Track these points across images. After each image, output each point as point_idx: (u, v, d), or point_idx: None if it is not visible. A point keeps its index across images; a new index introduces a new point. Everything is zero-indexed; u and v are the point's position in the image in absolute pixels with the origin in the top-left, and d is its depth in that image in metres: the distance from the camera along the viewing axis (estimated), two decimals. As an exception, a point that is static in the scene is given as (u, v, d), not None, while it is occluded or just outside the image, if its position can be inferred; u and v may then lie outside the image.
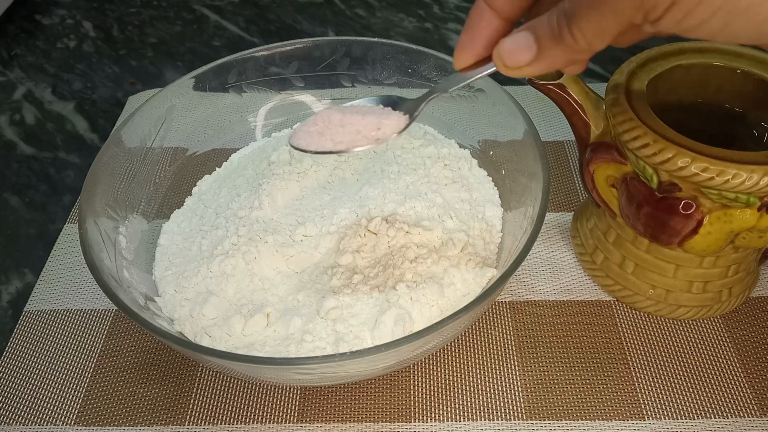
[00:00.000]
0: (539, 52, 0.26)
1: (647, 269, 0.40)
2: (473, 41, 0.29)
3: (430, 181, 0.45)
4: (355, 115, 0.33)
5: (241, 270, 0.39)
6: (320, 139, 0.33)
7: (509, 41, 0.27)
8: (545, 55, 0.26)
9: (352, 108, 0.34)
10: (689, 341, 0.41)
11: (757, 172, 0.32)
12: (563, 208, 0.49)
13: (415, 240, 0.40)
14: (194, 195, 0.47)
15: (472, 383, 0.39)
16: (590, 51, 0.25)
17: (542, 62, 0.26)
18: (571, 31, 0.24)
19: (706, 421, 0.37)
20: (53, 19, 0.76)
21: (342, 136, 0.33)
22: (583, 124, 0.39)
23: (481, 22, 0.29)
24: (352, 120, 0.33)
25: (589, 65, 0.65)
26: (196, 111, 0.48)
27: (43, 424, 0.38)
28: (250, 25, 0.74)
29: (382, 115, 0.33)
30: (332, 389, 0.39)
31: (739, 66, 0.39)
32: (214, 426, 0.38)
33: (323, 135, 0.33)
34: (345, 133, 0.33)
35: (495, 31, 0.29)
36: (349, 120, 0.33)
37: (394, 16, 0.75)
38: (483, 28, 0.29)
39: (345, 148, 0.33)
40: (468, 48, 0.29)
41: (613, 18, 0.23)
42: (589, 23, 0.23)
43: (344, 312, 0.37)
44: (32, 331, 0.43)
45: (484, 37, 0.29)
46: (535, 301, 0.43)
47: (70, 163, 0.57)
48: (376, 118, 0.33)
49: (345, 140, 0.33)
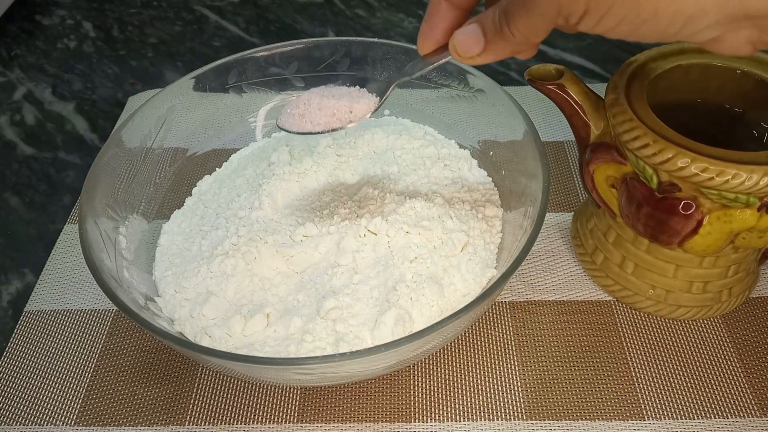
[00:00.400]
0: (486, 44, 0.29)
1: (647, 269, 0.40)
2: (433, 30, 0.32)
3: (430, 181, 0.45)
4: (331, 98, 0.38)
5: (241, 270, 0.39)
6: (301, 121, 0.38)
7: (461, 34, 0.30)
8: (492, 47, 0.29)
9: (330, 91, 0.38)
10: (689, 341, 0.41)
11: (757, 172, 0.32)
12: (563, 208, 0.49)
13: (415, 240, 0.40)
14: (194, 195, 0.47)
15: (472, 383, 0.39)
16: (529, 43, 0.28)
17: (490, 53, 0.29)
18: (509, 27, 0.27)
19: (706, 421, 0.37)
20: (53, 19, 0.76)
21: (320, 118, 0.37)
22: (583, 124, 0.39)
23: (439, 12, 0.31)
24: (329, 104, 0.37)
25: (589, 65, 0.66)
26: (196, 111, 0.48)
27: (43, 424, 0.38)
28: (250, 25, 0.74)
29: (354, 98, 0.37)
30: (332, 389, 0.39)
31: (739, 66, 0.39)
32: (214, 426, 0.38)
33: (304, 117, 0.38)
34: (322, 115, 0.37)
35: (452, 21, 0.31)
36: (326, 104, 0.37)
37: (394, 16, 0.75)
38: (441, 19, 0.32)
39: (322, 129, 0.37)
40: (428, 36, 0.32)
41: (540, 20, 0.26)
42: (522, 22, 0.27)
43: (344, 312, 0.37)
44: (32, 331, 0.43)
45: (442, 27, 0.32)
46: (535, 301, 0.43)
47: (70, 163, 0.57)
48: (348, 102, 0.37)
49: (322, 122, 0.37)
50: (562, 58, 0.67)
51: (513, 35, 0.27)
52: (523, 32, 0.27)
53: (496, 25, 0.28)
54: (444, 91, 0.48)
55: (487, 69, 0.43)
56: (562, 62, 0.58)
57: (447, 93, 0.48)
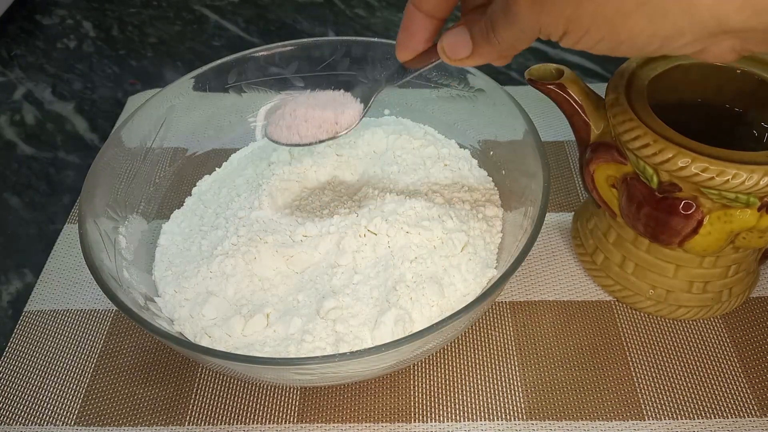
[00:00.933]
0: (474, 48, 0.30)
1: (647, 269, 0.40)
2: (410, 39, 0.33)
3: (430, 181, 0.45)
4: (316, 109, 0.39)
5: (241, 270, 0.39)
6: (289, 133, 0.39)
7: (450, 36, 0.31)
8: (479, 51, 0.30)
9: (316, 99, 0.39)
10: (689, 341, 0.41)
11: (757, 172, 0.32)
12: (563, 208, 0.49)
13: (415, 240, 0.40)
14: (194, 195, 0.47)
15: (472, 383, 0.39)
16: (516, 50, 0.29)
17: (477, 57, 0.30)
18: (496, 36, 0.28)
19: (706, 421, 0.37)
20: (53, 19, 0.76)
21: (306, 130, 0.38)
22: (583, 124, 0.39)
23: (413, 23, 0.33)
24: (314, 115, 0.38)
25: (589, 65, 0.66)
26: (196, 111, 0.48)
27: (43, 424, 0.38)
28: (250, 25, 0.74)
29: (338, 108, 0.38)
30: (332, 389, 0.39)
31: (739, 66, 0.39)
32: (214, 426, 0.38)
33: (291, 129, 0.39)
34: (309, 127, 0.38)
35: (427, 30, 0.33)
36: (311, 115, 0.38)
37: (394, 16, 0.75)
38: (416, 28, 0.33)
39: (309, 141, 0.38)
40: (406, 45, 0.34)
41: (522, 34, 0.27)
42: (506, 33, 0.28)
43: (344, 312, 0.37)
44: (32, 331, 0.43)
45: (418, 37, 0.33)
46: (535, 301, 0.43)
47: (70, 163, 0.57)
48: (333, 114, 0.38)
49: (309, 134, 0.38)
50: (563, 58, 0.67)
51: (499, 42, 0.28)
52: (508, 41, 0.28)
53: (483, 32, 0.29)
54: (444, 91, 0.48)
55: (487, 69, 0.43)
56: (563, 62, 0.58)
57: (447, 93, 0.48)
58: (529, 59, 0.66)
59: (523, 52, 0.67)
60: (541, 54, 0.67)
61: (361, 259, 0.39)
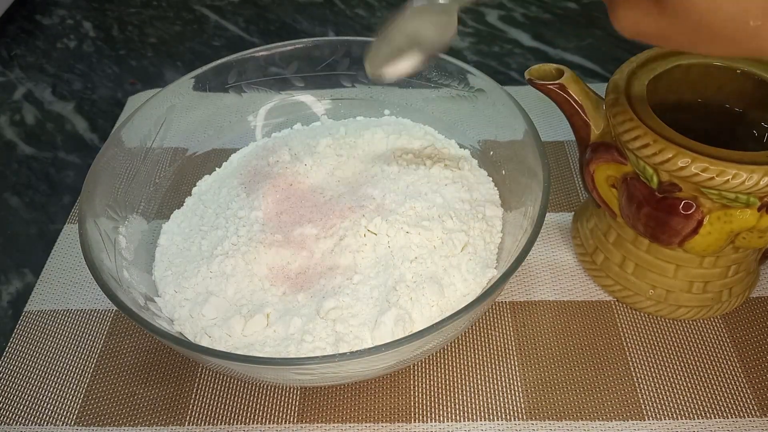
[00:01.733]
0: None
1: (647, 269, 0.40)
2: None
3: (430, 181, 0.44)
4: None
5: (241, 270, 0.39)
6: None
7: None
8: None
9: None
10: (689, 341, 0.41)
11: (757, 172, 0.32)
12: (563, 208, 0.49)
13: (415, 240, 0.40)
14: (194, 195, 0.47)
15: (472, 383, 0.39)
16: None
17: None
18: None
19: (706, 421, 0.37)
20: (53, 19, 0.76)
21: None
22: (583, 124, 0.39)
23: None
24: None
25: (589, 65, 0.66)
26: (196, 111, 0.48)
27: (43, 424, 0.38)
28: (250, 25, 0.74)
29: None
30: (332, 389, 0.39)
31: (739, 66, 0.39)
32: (214, 426, 0.38)
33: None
34: None
35: None
36: None
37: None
38: None
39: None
40: None
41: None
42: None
43: (344, 312, 0.37)
44: (32, 331, 0.43)
45: None
46: (535, 301, 0.43)
47: (70, 163, 0.57)
48: None
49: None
50: (563, 58, 0.67)
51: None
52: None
53: None
54: (444, 91, 0.48)
55: (487, 69, 0.43)
56: (563, 62, 0.58)
57: (447, 93, 0.48)
58: (529, 59, 0.66)
59: (523, 52, 0.67)
60: (541, 54, 0.67)
61: (361, 259, 0.39)
